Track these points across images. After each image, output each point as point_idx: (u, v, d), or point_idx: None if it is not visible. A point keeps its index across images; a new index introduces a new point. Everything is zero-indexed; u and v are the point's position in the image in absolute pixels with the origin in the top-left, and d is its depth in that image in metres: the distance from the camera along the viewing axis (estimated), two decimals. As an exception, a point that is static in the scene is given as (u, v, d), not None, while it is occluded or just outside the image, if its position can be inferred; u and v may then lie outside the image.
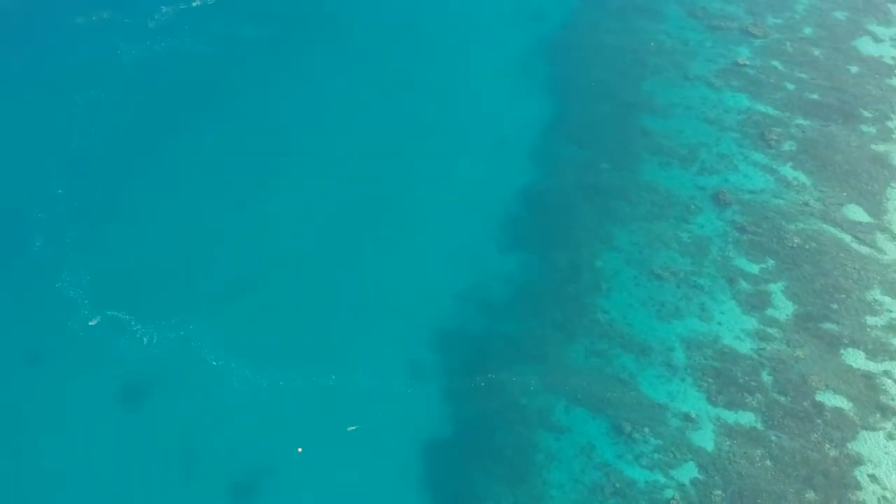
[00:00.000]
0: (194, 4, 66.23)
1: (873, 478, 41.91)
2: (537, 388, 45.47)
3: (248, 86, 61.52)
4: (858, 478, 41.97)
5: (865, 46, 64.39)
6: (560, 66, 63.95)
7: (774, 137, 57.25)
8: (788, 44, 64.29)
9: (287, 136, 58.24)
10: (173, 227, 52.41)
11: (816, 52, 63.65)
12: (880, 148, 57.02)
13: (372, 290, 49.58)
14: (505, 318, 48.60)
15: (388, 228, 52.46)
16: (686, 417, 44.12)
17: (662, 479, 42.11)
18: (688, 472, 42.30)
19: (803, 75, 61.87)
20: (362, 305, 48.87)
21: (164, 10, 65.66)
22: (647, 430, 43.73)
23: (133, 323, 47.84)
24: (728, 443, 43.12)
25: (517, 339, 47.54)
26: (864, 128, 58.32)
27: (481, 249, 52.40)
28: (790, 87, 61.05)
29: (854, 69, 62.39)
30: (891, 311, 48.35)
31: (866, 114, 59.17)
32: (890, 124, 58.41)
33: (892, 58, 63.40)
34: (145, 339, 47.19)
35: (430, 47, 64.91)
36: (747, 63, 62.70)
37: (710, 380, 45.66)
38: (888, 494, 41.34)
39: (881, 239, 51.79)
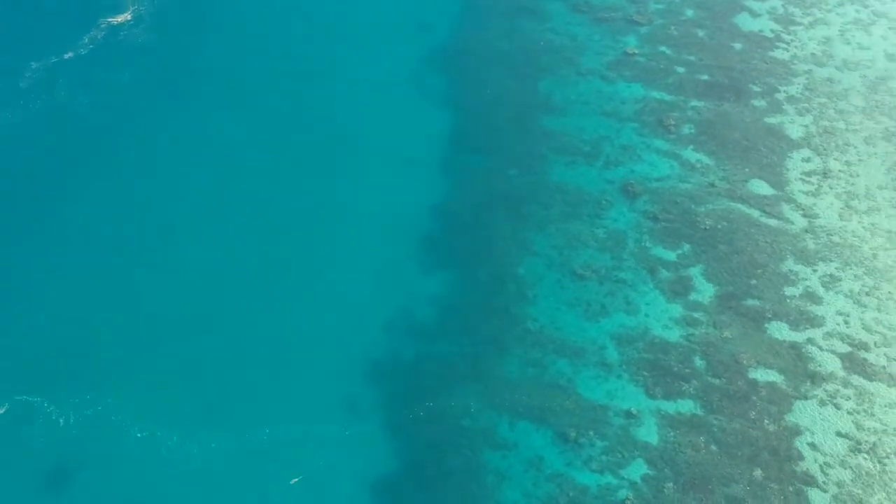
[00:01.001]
0: (66, 57, 63.11)
1: (813, 446, 43.12)
2: (478, 407, 45.02)
3: (135, 135, 58.96)
4: (799, 448, 43.11)
5: (745, 22, 66.60)
6: (454, 76, 63.80)
7: (672, 123, 58.52)
8: (673, 28, 65.92)
9: (180, 183, 56.02)
10: (72, 296, 49.62)
11: (700, 34, 65.47)
12: (773, 120, 59.00)
13: (294, 331, 48.13)
14: (436, 341, 47.97)
15: (303, 266, 51.07)
16: (628, 415, 44.45)
17: (614, 481, 42.25)
18: (638, 470, 42.60)
19: (691, 57, 63.52)
20: (287, 349, 47.36)
21: (34, 67, 62.33)
22: (591, 433, 43.84)
23: (46, 405, 45.03)
24: (672, 434, 43.65)
25: (451, 361, 46.98)
26: (756, 102, 60.29)
27: (403, 273, 51.64)
28: (680, 70, 62.57)
29: (738, 46, 64.44)
30: (806, 280, 49.98)
31: (755, 88, 61.17)
32: (779, 96, 60.53)
33: (771, 31, 65.79)
34: (62, 421, 44.44)
35: (319, 74, 63.68)
36: (636, 52, 63.94)
37: (645, 373, 46.16)
38: (829, 460, 42.59)
39: (787, 210, 53.52)
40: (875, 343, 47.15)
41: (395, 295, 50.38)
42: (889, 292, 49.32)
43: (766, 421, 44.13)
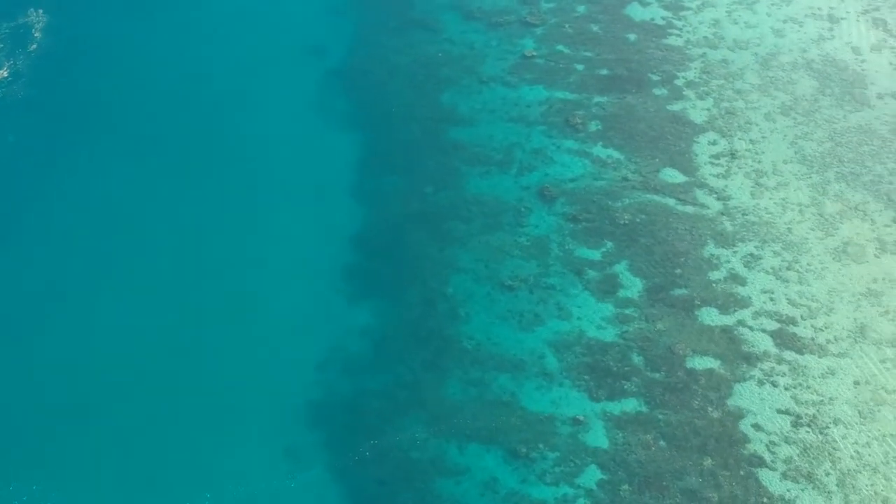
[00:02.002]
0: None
1: (757, 426, 44.05)
2: (424, 436, 44.33)
3: (27, 199, 55.96)
4: (744, 431, 43.97)
5: (636, 12, 67.76)
6: (355, 98, 62.81)
7: (579, 121, 59.03)
8: (567, 26, 66.54)
9: (82, 245, 53.36)
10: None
11: (595, 28, 66.30)
12: (676, 107, 60.19)
13: (224, 386, 46.37)
14: (373, 374, 47.05)
15: (224, 316, 49.29)
16: (575, 422, 44.49)
17: (570, 491, 42.21)
18: (592, 476, 42.66)
19: (589, 53, 64.24)
20: (219, 405, 45.58)
21: None
22: (542, 445, 43.71)
23: (-38, 504, 42.29)
24: (621, 435, 43.90)
25: (391, 392, 46.15)
26: (657, 91, 61.39)
27: (329, 307, 50.49)
28: (580, 67, 63.20)
29: (632, 37, 65.52)
30: (728, 262, 51.07)
31: (655, 77, 62.30)
32: (678, 83, 61.79)
33: (662, 18, 67.14)
34: (-16, 519, 41.87)
35: (217, 111, 61.60)
36: (535, 54, 64.29)
37: (586, 377, 46.31)
38: (774, 438, 43.58)
39: (701, 195, 54.62)
40: (801, 316, 48.52)
41: (324, 332, 49.23)
42: (808, 264, 50.86)
43: (709, 408, 44.85)
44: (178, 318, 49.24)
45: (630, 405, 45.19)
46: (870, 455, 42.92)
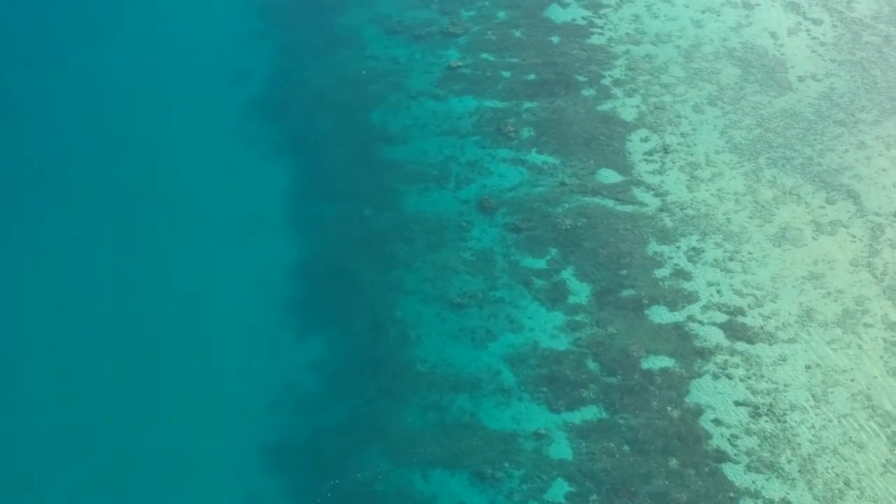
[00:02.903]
0: None
1: (717, 421, 44.62)
2: (387, 468, 43.65)
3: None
4: (705, 427, 44.49)
5: (557, 14, 68.27)
6: (283, 123, 61.78)
7: (511, 129, 59.11)
8: (490, 33, 66.65)
9: (6, 306, 51.37)
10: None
11: (517, 34, 66.55)
12: (605, 107, 60.77)
13: (176, 438, 44.97)
14: (328, 409, 46.16)
15: (167, 366, 47.87)
16: (538, 436, 44.40)
17: (540, 507, 42.20)
18: (560, 490, 42.61)
19: (514, 59, 64.42)
20: (172, 459, 44.18)
21: None
22: (507, 464, 43.48)
23: None
24: (584, 444, 43.97)
25: (349, 426, 45.35)
26: (585, 92, 61.89)
27: (276, 344, 49.43)
28: (507, 74, 63.34)
29: (555, 39, 65.96)
30: (672, 259, 51.70)
31: (582, 78, 62.80)
32: (605, 82, 62.41)
33: (583, 18, 67.78)
34: None
35: (140, 149, 59.88)
36: (460, 64, 64.20)
37: (544, 389, 46.29)
38: (734, 431, 44.21)
39: (638, 193, 55.21)
40: (748, 305, 49.40)
41: (273, 370, 48.16)
42: (749, 253, 51.83)
43: (668, 408, 45.27)
44: (118, 372, 47.60)
45: (590, 413, 45.33)
46: (827, 437, 43.86)
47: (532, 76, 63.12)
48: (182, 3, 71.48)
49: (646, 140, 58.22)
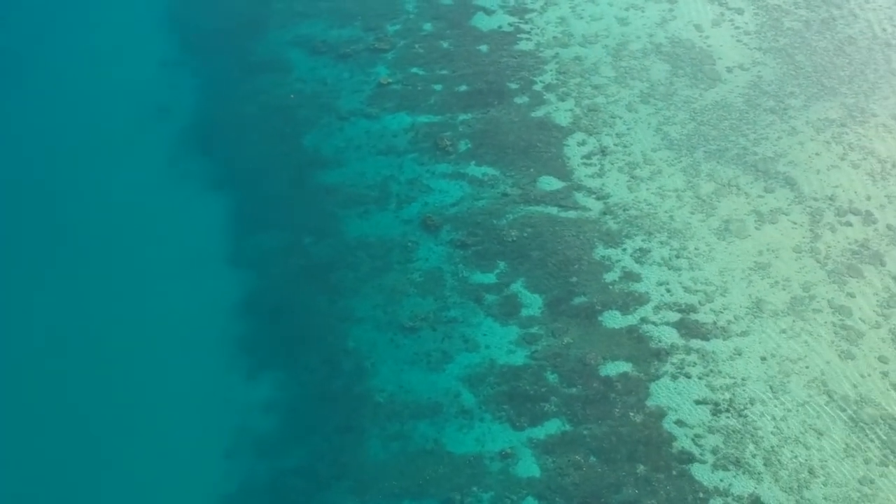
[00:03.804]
0: None
1: (680, 423, 45.18)
2: (353, 505, 43.19)
3: None
4: (669, 429, 45.01)
5: (482, 22, 68.47)
6: (212, 155, 60.53)
7: (448, 143, 59.02)
8: (417, 46, 66.47)
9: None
10: None
11: (445, 45, 66.51)
12: (540, 113, 61.13)
13: (126, 498, 43.66)
14: (287, 451, 45.31)
15: (110, 418, 46.38)
16: (503, 456, 44.30)
17: (512, 529, 42.12)
18: (531, 509, 42.71)
19: (444, 71, 64.37)
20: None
21: None
22: (475, 489, 43.27)
23: None
24: (551, 460, 44.04)
25: (310, 466, 44.57)
26: (518, 99, 62.17)
27: (226, 387, 48.33)
28: (438, 87, 63.23)
29: (484, 48, 66.12)
30: (620, 261, 52.23)
31: (514, 86, 63.06)
32: (537, 88, 62.80)
33: (509, 24, 68.13)
34: None
35: (69, 193, 58.03)
36: (390, 80, 63.85)
37: (505, 406, 46.24)
38: (697, 431, 44.82)
39: (580, 198, 55.64)
40: (699, 302, 50.19)
41: (225, 415, 47.06)
42: (695, 248, 52.67)
43: (630, 414, 45.66)
44: (68, 431, 46.03)
45: (554, 427, 45.44)
46: (788, 427, 44.81)
47: (464, 87, 63.15)
48: (93, 40, 69.47)
49: (583, 143, 58.74)
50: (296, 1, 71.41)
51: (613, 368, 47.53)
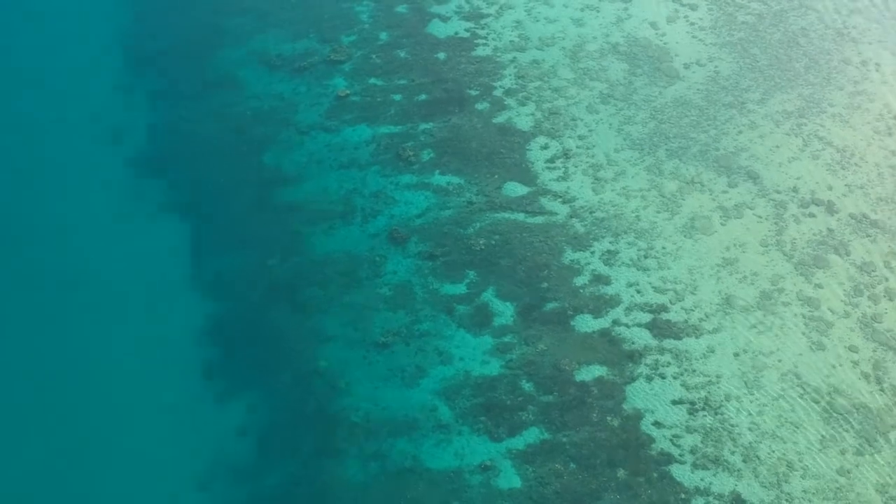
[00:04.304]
0: None
1: (657, 424, 45.44)
2: (335, 529, 42.78)
3: None
4: (647, 431, 45.25)
5: (439, 29, 68.35)
6: (170, 178, 59.51)
7: (411, 153, 58.78)
8: (374, 56, 66.12)
9: None
10: None
11: (402, 54, 66.25)
12: (501, 118, 61.14)
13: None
14: (263, 477, 44.79)
15: (83, 457, 45.50)
16: (483, 469, 44.19)
17: (496, 543, 42.02)
18: (514, 521, 42.63)
19: (403, 81, 64.11)
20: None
21: None
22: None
23: None
24: (531, 469, 44.02)
25: (288, 492, 44.08)
26: (479, 106, 62.12)
27: (198, 415, 47.65)
28: (398, 97, 62.96)
29: (442, 55, 65.99)
30: (589, 265, 52.40)
31: (474, 92, 63.01)
32: (497, 93, 62.82)
33: (466, 30, 68.08)
34: None
35: (24, 227, 56.75)
36: (348, 92, 63.42)
37: (483, 418, 46.14)
38: (675, 431, 45.11)
39: (546, 202, 55.75)
40: (670, 301, 50.53)
41: (199, 444, 46.39)
42: (663, 248, 53.02)
43: (608, 418, 45.81)
44: (22, 473, 44.97)
45: (532, 436, 45.42)
46: (765, 422, 45.28)
47: (424, 96, 62.96)
48: (41, 63, 68.12)
49: (545, 147, 58.87)
50: (248, 15, 70.65)
51: (588, 373, 47.65)
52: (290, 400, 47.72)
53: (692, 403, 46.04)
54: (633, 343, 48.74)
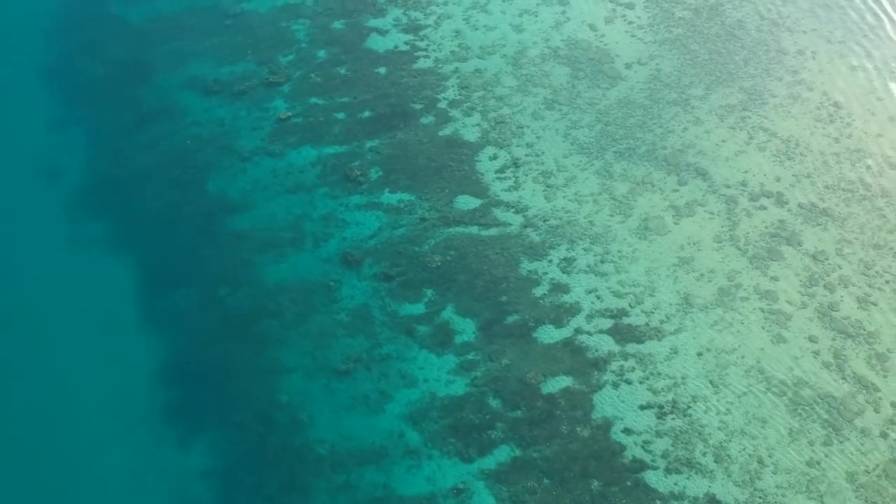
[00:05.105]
0: None
1: (627, 431, 45.27)
2: (308, 567, 41.79)
3: None
4: (617, 439, 45.08)
5: (377, 43, 67.59)
6: (111, 215, 57.73)
7: (358, 172, 57.94)
8: (314, 75, 65.09)
9: None
10: None
11: (343, 71, 65.34)
12: (447, 131, 60.63)
13: None
14: (230, 519, 43.75)
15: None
16: (457, 492, 43.57)
17: (475, 567, 41.44)
18: (491, 543, 42.11)
19: (345, 99, 63.21)
20: None
21: None
22: (431, 530, 42.52)
23: None
24: (505, 489, 43.52)
25: (257, 533, 43.11)
26: (424, 119, 61.53)
27: (159, 460, 46.21)
28: (341, 116, 62.05)
29: (382, 70, 65.24)
30: (547, 274, 52.13)
31: (418, 106, 62.39)
32: (441, 105, 62.30)
33: (405, 43, 67.41)
34: None
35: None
36: (290, 114, 62.30)
37: (452, 440, 45.50)
38: (645, 437, 44.99)
39: (499, 213, 55.35)
40: (630, 305, 50.49)
41: (161, 490, 45.00)
42: (618, 251, 53.01)
43: (578, 429, 45.52)
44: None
45: (503, 454, 44.92)
46: (733, 421, 45.42)
47: (367, 113, 62.13)
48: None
49: (494, 158, 58.51)
50: (181, 40, 69.04)
51: (555, 384, 47.33)
52: (252, 437, 46.53)
53: (660, 407, 46.00)
54: (596, 350, 48.56)
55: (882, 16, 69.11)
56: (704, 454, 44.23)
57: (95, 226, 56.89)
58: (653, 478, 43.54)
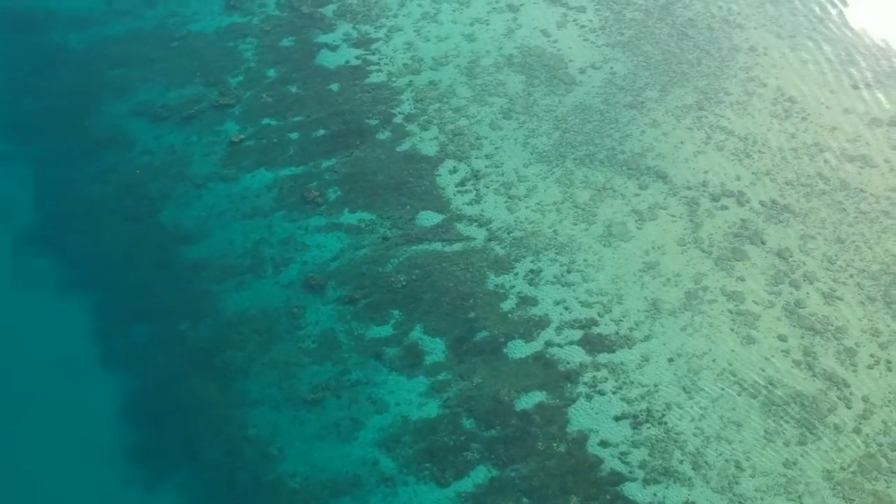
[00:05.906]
0: None
1: (603, 443, 45.00)
2: None
3: None
4: (594, 452, 44.76)
5: (328, 59, 66.72)
6: (62, 250, 56.00)
7: (316, 193, 57.02)
8: (265, 95, 64.02)
9: None
10: None
11: (294, 90, 64.35)
12: (405, 146, 59.98)
13: None
14: (204, 562, 42.63)
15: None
16: (434, 518, 43.00)
17: None
18: (473, 568, 41.49)
19: (298, 118, 62.25)
20: None
21: None
22: (412, 559, 41.80)
23: None
24: (484, 512, 43.03)
25: (232, 575, 42.02)
26: (380, 135, 60.80)
27: (131, 503, 45.15)
28: (295, 136, 61.06)
29: (335, 87, 64.39)
30: (514, 287, 51.72)
31: (373, 122, 61.64)
32: (397, 120, 61.64)
33: (356, 57, 66.64)
34: None
35: None
36: (242, 137, 61.17)
37: (427, 464, 44.81)
38: (622, 448, 44.74)
39: (462, 228, 54.83)
40: (598, 314, 50.27)
41: (130, 536, 43.86)
42: (584, 260, 52.79)
43: (554, 445, 45.14)
44: None
45: (480, 475, 44.35)
46: (708, 426, 45.38)
47: (322, 131, 61.22)
48: None
49: (454, 171, 58.01)
50: (127, 66, 67.46)
51: (528, 400, 46.89)
52: (221, 474, 45.32)
53: (635, 417, 45.78)
54: (568, 363, 48.23)
55: (829, 8, 70.00)
56: (682, 462, 44.11)
57: (46, 263, 55.16)
58: (632, 489, 43.27)
